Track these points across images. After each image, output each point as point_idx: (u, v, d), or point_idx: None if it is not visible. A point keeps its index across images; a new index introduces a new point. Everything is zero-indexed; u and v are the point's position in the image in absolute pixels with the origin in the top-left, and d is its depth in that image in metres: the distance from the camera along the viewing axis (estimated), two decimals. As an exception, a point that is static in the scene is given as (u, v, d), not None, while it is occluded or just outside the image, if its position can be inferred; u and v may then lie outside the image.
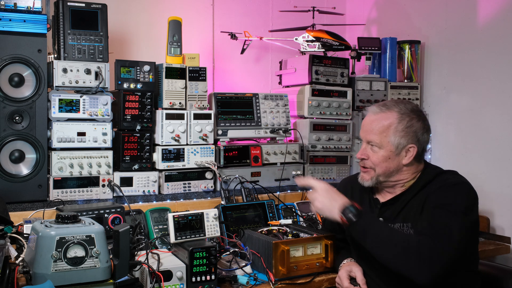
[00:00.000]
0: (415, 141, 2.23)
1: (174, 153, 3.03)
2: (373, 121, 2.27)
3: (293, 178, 3.36)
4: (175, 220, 2.29)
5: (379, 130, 2.24)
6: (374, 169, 2.27)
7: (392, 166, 2.24)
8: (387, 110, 2.26)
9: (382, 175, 2.26)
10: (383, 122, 2.24)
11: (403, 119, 2.23)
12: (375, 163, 2.26)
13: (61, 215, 1.91)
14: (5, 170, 2.66)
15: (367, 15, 4.30)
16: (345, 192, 2.49)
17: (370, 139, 2.27)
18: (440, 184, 2.18)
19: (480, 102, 3.45)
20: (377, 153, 2.25)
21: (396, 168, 2.25)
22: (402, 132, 2.22)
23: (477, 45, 3.47)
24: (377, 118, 2.27)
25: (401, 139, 2.22)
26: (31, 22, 2.67)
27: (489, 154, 3.38)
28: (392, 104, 2.28)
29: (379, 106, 2.30)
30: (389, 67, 3.79)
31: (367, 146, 2.29)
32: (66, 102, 2.79)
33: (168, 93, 3.05)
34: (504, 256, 3.11)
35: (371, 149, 2.27)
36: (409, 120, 2.23)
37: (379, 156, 2.25)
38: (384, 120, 2.24)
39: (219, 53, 3.93)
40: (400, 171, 2.26)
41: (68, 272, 1.81)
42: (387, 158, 2.24)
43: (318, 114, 3.51)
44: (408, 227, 2.20)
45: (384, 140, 2.23)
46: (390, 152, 2.23)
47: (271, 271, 2.32)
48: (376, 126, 2.25)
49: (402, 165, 2.25)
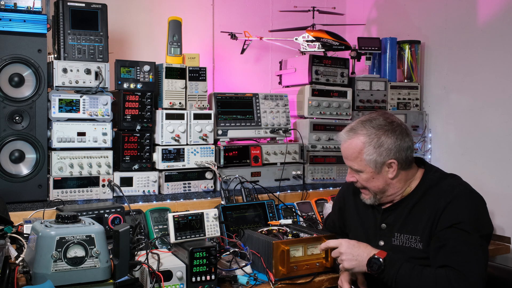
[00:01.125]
0: (392, 156, 2.20)
1: (174, 153, 3.03)
2: (346, 148, 2.29)
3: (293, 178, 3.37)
4: (175, 220, 2.29)
5: (353, 156, 2.25)
6: (367, 189, 2.29)
7: (380, 184, 2.24)
8: (354, 135, 2.25)
9: (377, 192, 2.27)
10: (354, 149, 2.24)
11: (371, 140, 2.20)
12: (364, 185, 2.28)
13: (61, 215, 1.91)
14: (5, 170, 2.66)
15: (367, 15, 4.30)
16: (347, 199, 2.50)
17: (350, 165, 2.30)
18: (447, 198, 2.14)
19: (480, 102, 3.45)
20: (361, 176, 2.27)
21: (386, 184, 2.24)
22: (374, 153, 2.20)
23: (477, 45, 3.47)
24: (347, 146, 2.27)
25: (377, 158, 2.20)
26: (31, 22, 2.67)
27: (489, 154, 3.38)
28: (358, 126, 2.26)
29: (347, 132, 2.29)
30: (389, 67, 3.80)
31: (351, 171, 2.31)
32: (66, 102, 2.79)
33: (168, 93, 3.05)
34: (504, 256, 3.11)
35: (356, 173, 2.28)
36: (378, 140, 2.20)
37: (364, 178, 2.26)
38: (353, 146, 2.24)
39: (219, 53, 3.93)
40: (391, 185, 2.25)
41: (68, 272, 1.81)
42: (371, 178, 2.24)
43: (318, 114, 3.51)
44: (416, 240, 2.18)
45: (361, 164, 2.23)
46: (371, 173, 2.23)
47: (271, 271, 2.32)
48: (349, 153, 2.27)
49: (390, 180, 2.24)
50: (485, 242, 2.11)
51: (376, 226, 2.32)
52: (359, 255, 2.18)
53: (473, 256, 2.03)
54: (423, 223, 2.18)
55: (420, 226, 2.18)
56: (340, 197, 2.59)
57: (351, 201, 2.47)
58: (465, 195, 2.15)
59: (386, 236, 2.27)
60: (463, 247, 2.05)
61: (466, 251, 2.04)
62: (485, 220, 2.15)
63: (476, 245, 2.06)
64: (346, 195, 2.53)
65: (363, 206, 2.40)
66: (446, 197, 2.15)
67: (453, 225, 2.09)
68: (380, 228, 2.30)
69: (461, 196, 2.14)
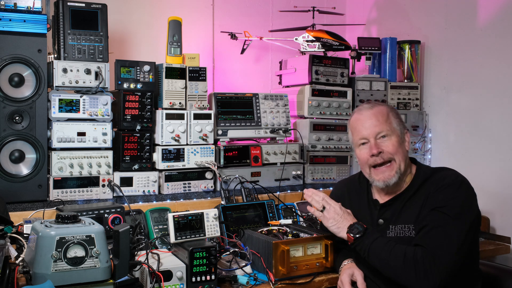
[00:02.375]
0: (406, 128, 2.36)
1: (174, 153, 3.03)
2: (373, 114, 2.30)
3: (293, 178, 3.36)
4: (175, 220, 2.29)
5: (383, 119, 2.28)
6: (393, 160, 2.25)
7: (405, 151, 2.29)
8: (377, 104, 2.37)
9: (402, 162, 2.26)
10: (382, 112, 2.31)
11: (392, 109, 2.36)
12: (392, 152, 2.25)
13: (61, 215, 1.91)
14: (5, 170, 2.66)
15: (367, 15, 4.30)
16: (341, 196, 2.49)
17: (379, 129, 2.27)
18: (438, 185, 2.19)
19: (480, 102, 3.45)
20: (390, 140, 2.26)
21: (407, 155, 2.31)
22: (397, 119, 2.33)
23: (477, 45, 3.47)
24: (375, 112, 2.31)
25: (400, 126, 2.31)
26: (31, 22, 2.67)
27: (489, 154, 3.38)
28: (374, 103, 2.41)
29: (368, 103, 2.38)
30: (389, 67, 3.80)
31: (376, 141, 2.27)
32: (66, 102, 2.79)
33: (168, 93, 3.05)
34: (504, 256, 3.11)
35: (382, 141, 2.26)
36: (395, 111, 2.37)
37: (394, 143, 2.26)
38: (381, 110, 2.32)
39: (219, 53, 3.93)
40: (408, 160, 2.31)
41: (68, 272, 1.81)
42: (400, 143, 2.28)
43: (318, 114, 3.51)
44: (410, 228, 2.20)
45: (391, 127, 2.28)
46: (399, 137, 2.28)
47: (271, 271, 2.32)
48: (378, 117, 2.29)
49: (407, 153, 2.31)
50: (469, 229, 2.10)
51: (373, 222, 2.32)
52: (346, 218, 2.26)
53: (447, 239, 2.04)
54: (415, 212, 2.20)
55: (414, 215, 2.20)
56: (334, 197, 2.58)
57: (346, 201, 2.46)
58: (454, 183, 2.17)
59: (383, 231, 2.27)
60: (439, 229, 2.07)
61: (441, 233, 2.06)
62: (470, 208, 2.14)
63: (454, 230, 2.06)
64: (339, 195, 2.52)
65: (358, 204, 2.41)
66: (437, 184, 2.19)
67: (436, 208, 2.13)
68: (377, 224, 2.30)
69: (450, 183, 2.18)
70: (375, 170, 2.28)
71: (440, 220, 2.08)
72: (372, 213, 2.34)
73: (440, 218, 2.09)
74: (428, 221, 2.11)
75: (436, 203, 2.13)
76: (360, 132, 2.31)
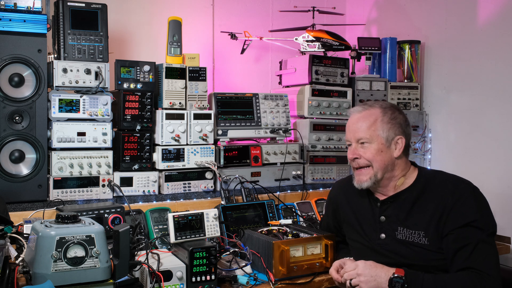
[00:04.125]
0: (402, 133, 2.27)
1: (174, 153, 3.03)
2: (359, 118, 2.30)
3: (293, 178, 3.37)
4: (175, 220, 2.29)
5: (367, 126, 2.27)
6: (371, 166, 2.26)
7: (386, 159, 2.25)
8: (369, 107, 2.32)
9: (380, 170, 2.25)
10: (369, 118, 2.28)
11: (386, 112, 2.28)
12: (370, 159, 2.26)
13: (61, 215, 1.91)
14: (5, 170, 2.66)
15: (367, 15, 4.30)
16: (339, 200, 2.49)
17: (359, 136, 2.28)
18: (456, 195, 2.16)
19: (480, 102, 3.45)
20: (369, 148, 2.26)
21: (390, 162, 2.26)
22: (388, 124, 2.26)
23: (477, 45, 3.47)
24: (362, 116, 2.30)
25: (389, 131, 2.26)
26: (31, 22, 2.67)
27: (489, 154, 3.38)
28: (373, 102, 2.36)
29: (361, 106, 2.36)
30: (389, 67, 3.80)
31: (357, 146, 2.30)
32: (66, 102, 2.79)
33: (168, 93, 3.05)
34: (504, 256, 3.10)
35: (362, 147, 2.28)
36: (392, 113, 2.29)
37: (372, 151, 2.25)
38: (369, 116, 2.29)
39: (219, 53, 3.93)
40: (394, 165, 2.27)
41: (68, 272, 1.81)
42: (380, 151, 2.25)
43: (318, 114, 3.51)
44: (420, 235, 2.18)
45: (374, 134, 2.25)
46: (381, 145, 2.25)
47: (271, 271, 2.32)
48: (363, 123, 2.28)
49: (394, 159, 2.26)
50: (493, 238, 2.17)
51: (375, 219, 2.31)
52: (378, 275, 2.12)
53: (490, 253, 2.10)
54: (426, 218, 2.18)
55: (424, 221, 2.19)
56: (332, 199, 2.59)
57: (343, 201, 2.47)
58: (472, 193, 2.19)
59: (388, 229, 2.26)
60: (481, 245, 2.09)
61: (484, 249, 2.09)
62: (491, 217, 2.20)
63: (490, 241, 2.12)
64: (338, 195, 2.53)
65: (357, 203, 2.41)
66: (453, 194, 2.17)
67: (468, 224, 2.11)
68: (379, 221, 2.30)
69: (468, 193, 2.18)
70: (355, 170, 2.34)
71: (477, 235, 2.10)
72: (373, 210, 2.34)
73: (476, 234, 2.10)
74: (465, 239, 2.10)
75: (465, 217, 2.12)
76: (347, 134, 2.37)
